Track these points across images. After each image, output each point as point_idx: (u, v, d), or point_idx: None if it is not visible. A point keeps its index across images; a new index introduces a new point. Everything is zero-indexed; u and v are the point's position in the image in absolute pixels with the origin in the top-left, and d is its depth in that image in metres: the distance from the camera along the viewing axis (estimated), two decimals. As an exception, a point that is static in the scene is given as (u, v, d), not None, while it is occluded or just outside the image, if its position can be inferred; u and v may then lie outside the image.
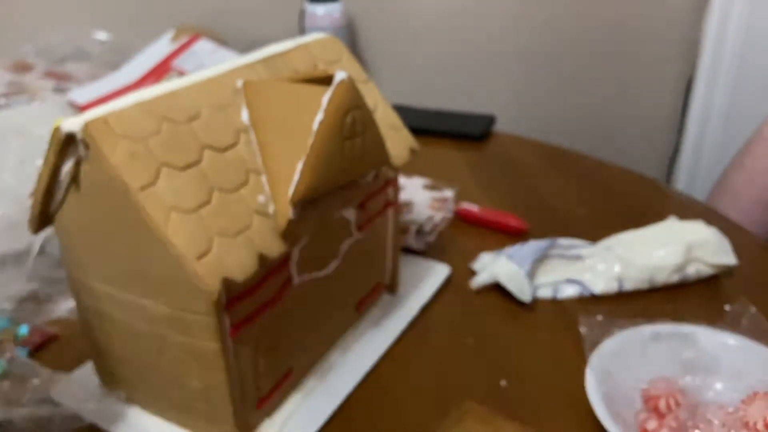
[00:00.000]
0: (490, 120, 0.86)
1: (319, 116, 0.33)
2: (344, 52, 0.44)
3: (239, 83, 0.36)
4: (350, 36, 0.93)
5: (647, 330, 0.39)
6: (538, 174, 0.72)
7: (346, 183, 0.36)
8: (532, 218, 0.60)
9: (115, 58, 0.80)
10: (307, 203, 0.33)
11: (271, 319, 0.35)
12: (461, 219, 0.62)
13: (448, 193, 0.67)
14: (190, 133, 0.32)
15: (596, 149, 0.84)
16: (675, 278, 0.48)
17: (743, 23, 0.91)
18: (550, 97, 1.01)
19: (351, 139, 0.35)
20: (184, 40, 0.78)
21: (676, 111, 1.02)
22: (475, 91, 1.00)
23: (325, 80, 0.35)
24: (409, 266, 0.52)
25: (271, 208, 0.33)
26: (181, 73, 0.73)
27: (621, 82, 1.00)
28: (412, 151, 0.45)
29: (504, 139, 0.83)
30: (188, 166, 0.31)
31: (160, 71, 0.74)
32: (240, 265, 0.30)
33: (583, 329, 0.39)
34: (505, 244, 0.54)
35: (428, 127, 0.85)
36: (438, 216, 0.61)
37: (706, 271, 0.49)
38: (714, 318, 0.42)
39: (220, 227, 0.30)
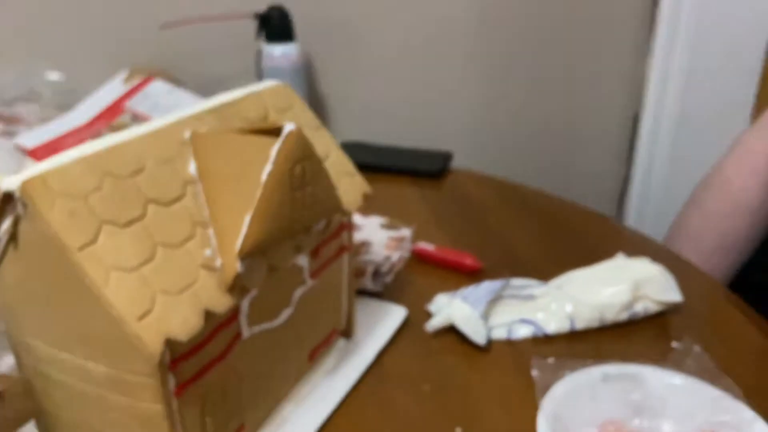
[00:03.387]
0: (446, 156, 0.88)
1: (268, 168, 0.33)
2: (296, 100, 0.45)
3: (187, 134, 0.35)
4: (308, 76, 0.94)
5: (597, 371, 0.39)
6: (494, 211, 0.73)
7: (297, 232, 0.36)
8: (487, 256, 0.60)
9: (66, 99, 0.79)
10: (257, 254, 0.33)
11: (219, 375, 0.34)
12: (418, 258, 0.62)
13: (406, 232, 0.67)
14: (133, 187, 0.31)
15: (550, 184, 0.86)
16: (624, 316, 0.49)
17: (686, 62, 0.96)
18: (505, 133, 1.04)
19: (301, 189, 0.35)
20: (137, 80, 0.77)
21: (624, 147, 1.06)
22: (433, 128, 1.02)
23: (275, 131, 0.35)
24: (366, 309, 0.51)
25: (218, 262, 0.32)
26: (134, 115, 0.73)
27: (572, 119, 1.03)
28: (366, 196, 0.45)
29: (461, 176, 0.84)
30: (131, 223, 0.30)
31: (112, 113, 0.73)
32: (184, 323, 0.29)
33: (534, 372, 0.39)
34: (460, 284, 0.55)
35: (386, 164, 0.86)
36: (395, 256, 0.62)
37: (653, 308, 0.50)
38: (662, 356, 0.43)
39: (164, 285, 0.30)
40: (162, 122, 0.35)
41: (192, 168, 0.34)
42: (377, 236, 0.66)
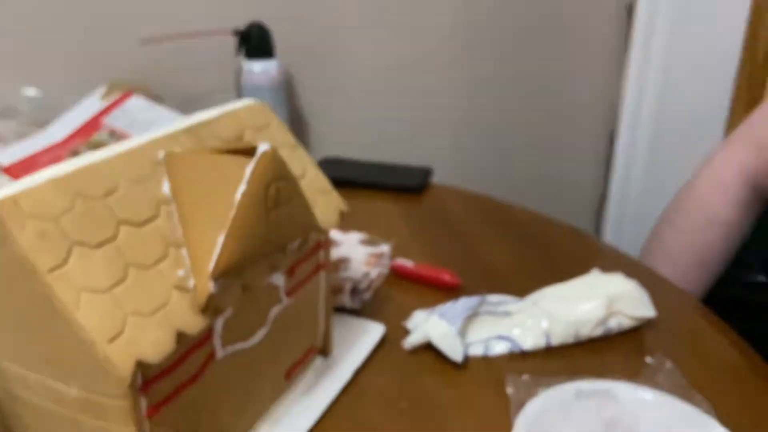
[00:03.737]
0: (426, 172, 0.88)
1: (242, 188, 0.33)
2: (273, 118, 0.45)
3: (161, 154, 0.35)
4: (288, 92, 0.95)
5: (570, 388, 0.39)
6: (473, 226, 0.73)
7: (272, 251, 0.36)
8: (465, 272, 0.61)
9: (44, 115, 0.78)
10: (231, 274, 0.33)
11: (193, 396, 0.34)
12: (396, 274, 0.62)
13: (385, 248, 0.67)
14: (105, 208, 0.31)
15: (530, 200, 0.87)
16: (599, 331, 0.50)
17: (660, 79, 0.98)
18: (485, 149, 1.05)
19: (275, 209, 0.35)
20: (116, 96, 0.77)
21: (601, 162, 1.08)
22: (414, 144, 1.02)
23: (250, 151, 0.35)
24: (343, 326, 0.51)
25: (191, 283, 0.32)
26: (112, 131, 0.72)
27: (550, 135, 1.05)
28: (343, 214, 0.45)
29: (441, 191, 0.85)
30: (102, 244, 0.30)
31: (89, 129, 0.72)
32: (155, 345, 0.29)
33: (509, 389, 0.40)
34: (439, 300, 0.55)
35: (366, 180, 0.86)
36: (374, 272, 0.62)
37: (627, 323, 0.50)
38: (636, 372, 0.44)
39: (135, 306, 0.30)
40: (136, 142, 0.35)
41: (166, 188, 0.34)
42: (356, 252, 0.66)
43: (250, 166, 0.33)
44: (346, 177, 0.87)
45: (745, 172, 0.62)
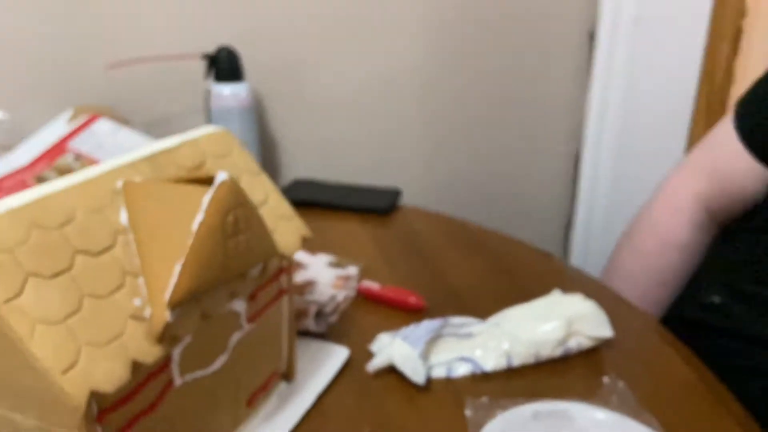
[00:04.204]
0: (395, 194, 0.89)
1: (199, 217, 0.34)
2: (235, 145, 0.45)
3: (119, 184, 0.36)
4: (258, 115, 0.95)
5: (528, 409, 0.40)
6: (440, 248, 0.74)
7: (231, 279, 0.37)
8: (431, 294, 0.61)
9: (9, 138, 0.78)
10: (188, 303, 0.34)
11: (151, 425, 0.34)
12: (363, 297, 0.63)
13: (353, 271, 0.68)
14: (62, 238, 0.31)
15: (499, 221, 0.89)
16: (559, 352, 0.51)
17: (621, 102, 1.01)
18: (454, 171, 1.07)
19: (233, 237, 0.35)
20: (82, 120, 0.77)
21: (568, 184, 1.10)
22: (383, 165, 1.04)
23: (208, 180, 0.36)
24: (308, 350, 0.52)
25: (147, 312, 0.32)
26: (77, 155, 0.72)
27: (518, 157, 1.07)
28: (305, 239, 0.46)
29: (409, 213, 0.86)
30: (58, 274, 0.30)
31: (55, 153, 0.72)
32: (110, 375, 0.29)
33: (468, 412, 0.40)
34: (404, 322, 0.56)
35: (336, 201, 0.87)
36: (341, 295, 0.62)
37: (586, 343, 0.51)
38: (592, 392, 0.45)
39: (90, 336, 0.30)
40: (96, 171, 0.36)
41: (123, 217, 0.34)
42: (324, 275, 0.67)
43: (207, 196, 0.34)
44: (316, 199, 0.88)
45: (697, 197, 0.64)
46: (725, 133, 0.62)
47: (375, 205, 0.86)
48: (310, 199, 0.88)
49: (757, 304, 0.54)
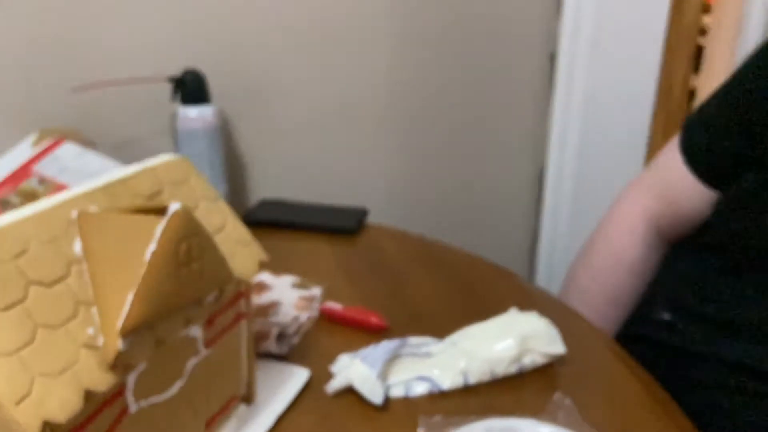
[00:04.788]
0: (362, 213, 0.91)
1: (152, 247, 0.34)
2: (192, 172, 0.46)
3: (74, 214, 0.36)
4: (225, 136, 0.96)
5: (480, 426, 0.42)
6: (404, 268, 0.76)
7: (185, 306, 0.38)
8: (393, 314, 0.63)
9: (-29, 162, 0.77)
10: (141, 330, 0.34)
11: (104, 451, 0.34)
12: (325, 317, 0.64)
13: (316, 291, 0.69)
14: (15, 270, 0.32)
15: (465, 240, 0.90)
16: (513, 369, 0.52)
17: (581, 121, 1.04)
18: (420, 190, 1.08)
19: (187, 265, 0.36)
20: (47, 143, 0.77)
21: (532, 202, 1.13)
22: (350, 185, 1.05)
23: (162, 210, 0.37)
24: (268, 372, 0.52)
25: (100, 341, 0.33)
26: (42, 179, 0.72)
27: (483, 176, 1.09)
28: (262, 264, 0.47)
29: (375, 232, 0.87)
30: (11, 306, 0.31)
31: (19, 177, 0.72)
32: (63, 405, 0.30)
33: (421, 430, 0.42)
34: (365, 343, 0.56)
35: (302, 221, 0.88)
36: (304, 316, 0.63)
37: (540, 360, 0.53)
38: (542, 408, 0.46)
39: (43, 367, 0.30)
40: (51, 202, 0.36)
41: (77, 247, 0.35)
42: (287, 296, 0.67)
43: (160, 226, 0.35)
44: (282, 219, 0.89)
45: (648, 216, 0.66)
46: (672, 153, 0.64)
47: (342, 225, 0.87)
48: (278, 220, 0.89)
49: (701, 321, 0.57)
